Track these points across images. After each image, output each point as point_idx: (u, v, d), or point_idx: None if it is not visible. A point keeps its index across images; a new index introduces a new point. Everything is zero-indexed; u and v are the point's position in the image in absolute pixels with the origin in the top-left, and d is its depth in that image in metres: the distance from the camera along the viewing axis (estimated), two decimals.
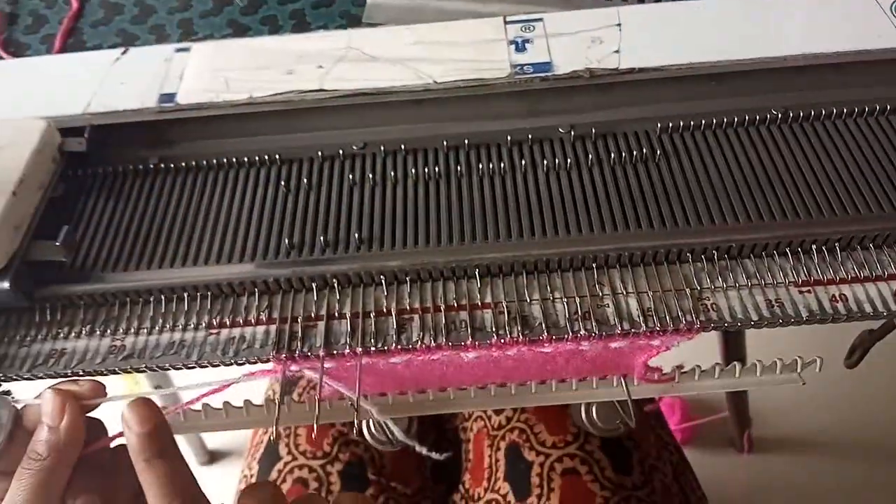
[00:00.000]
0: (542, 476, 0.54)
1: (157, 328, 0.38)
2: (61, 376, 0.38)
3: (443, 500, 0.64)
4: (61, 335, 0.39)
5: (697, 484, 0.64)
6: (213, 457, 1.21)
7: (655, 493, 0.55)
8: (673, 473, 0.61)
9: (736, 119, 0.43)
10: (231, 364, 0.37)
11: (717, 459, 1.14)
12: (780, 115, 0.43)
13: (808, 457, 1.13)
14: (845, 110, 0.43)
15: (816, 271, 0.38)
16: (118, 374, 0.38)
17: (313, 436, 0.59)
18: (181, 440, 1.12)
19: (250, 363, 0.37)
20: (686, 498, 0.61)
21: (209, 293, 0.39)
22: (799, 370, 0.43)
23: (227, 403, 0.39)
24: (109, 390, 0.37)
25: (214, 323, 0.38)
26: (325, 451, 0.59)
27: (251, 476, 0.60)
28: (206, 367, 0.37)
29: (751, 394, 1.06)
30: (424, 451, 0.44)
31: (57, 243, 0.38)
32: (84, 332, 0.38)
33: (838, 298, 0.37)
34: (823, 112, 0.43)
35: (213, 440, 1.21)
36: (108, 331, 0.38)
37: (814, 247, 0.38)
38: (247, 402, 0.39)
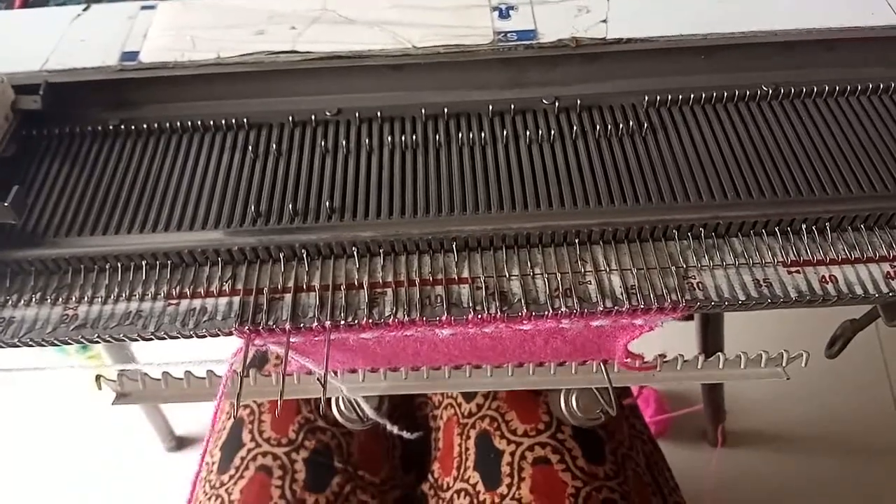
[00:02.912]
0: (512, 465, 0.53)
1: (112, 297, 0.36)
2: (8, 346, 0.35)
3: (412, 490, 0.62)
4: (9, 303, 0.36)
5: (671, 474, 0.64)
6: (180, 443, 1.18)
7: (628, 483, 0.54)
8: (646, 463, 0.60)
9: (725, 94, 0.42)
10: (191, 336, 0.35)
11: (689, 453, 1.14)
12: (770, 92, 0.42)
13: (781, 452, 1.13)
14: (837, 88, 0.42)
15: (806, 251, 0.37)
16: (70, 344, 0.35)
17: (277, 413, 0.57)
18: (147, 425, 1.10)
19: (211, 336, 0.35)
20: (659, 488, 0.60)
21: (169, 262, 0.37)
22: (784, 364, 0.42)
23: (188, 373, 0.37)
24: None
25: (174, 293, 0.36)
26: (290, 438, 0.57)
27: (213, 463, 0.58)
28: (164, 338, 0.35)
29: (726, 387, 1.05)
30: (395, 429, 0.42)
31: (6, 204, 0.35)
32: (34, 299, 0.36)
33: (828, 279, 0.36)
34: (815, 89, 0.42)
35: (181, 426, 1.18)
36: (60, 299, 0.36)
37: (803, 226, 0.37)
38: (210, 372, 0.37)
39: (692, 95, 0.42)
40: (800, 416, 1.15)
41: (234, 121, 0.42)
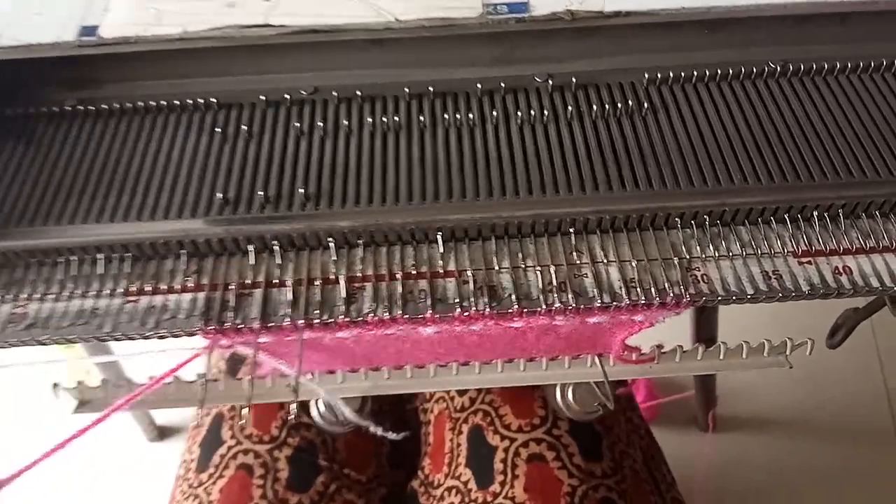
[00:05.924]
0: (506, 462, 0.51)
1: (65, 294, 0.34)
2: None
3: (401, 487, 0.60)
4: None
5: (667, 468, 0.62)
6: (162, 433, 1.17)
7: (626, 481, 0.52)
8: (643, 459, 0.59)
9: (731, 71, 0.40)
10: (151, 337, 0.33)
11: (680, 438, 1.14)
12: (778, 69, 0.40)
13: (771, 437, 1.14)
14: (850, 65, 0.40)
15: (818, 241, 0.35)
16: (18, 346, 0.33)
17: (245, 421, 0.54)
18: (128, 416, 1.07)
19: (174, 336, 0.33)
20: (656, 485, 0.58)
21: (128, 254, 0.35)
22: (788, 353, 0.41)
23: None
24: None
25: (133, 289, 0.34)
26: (273, 435, 0.55)
27: (191, 461, 0.56)
28: (122, 339, 0.33)
29: (718, 373, 1.05)
30: (380, 431, 0.40)
31: None
32: None
33: (842, 271, 0.34)
34: (826, 66, 0.40)
35: (163, 416, 1.17)
36: (8, 296, 0.34)
37: (815, 213, 0.35)
38: (176, 378, 0.35)
39: (695, 73, 0.40)
40: (791, 402, 1.16)
41: (201, 100, 0.40)
